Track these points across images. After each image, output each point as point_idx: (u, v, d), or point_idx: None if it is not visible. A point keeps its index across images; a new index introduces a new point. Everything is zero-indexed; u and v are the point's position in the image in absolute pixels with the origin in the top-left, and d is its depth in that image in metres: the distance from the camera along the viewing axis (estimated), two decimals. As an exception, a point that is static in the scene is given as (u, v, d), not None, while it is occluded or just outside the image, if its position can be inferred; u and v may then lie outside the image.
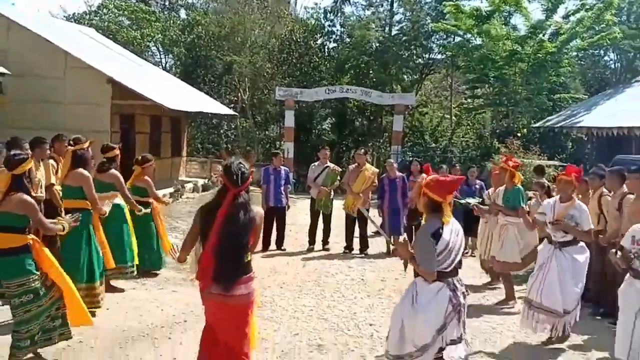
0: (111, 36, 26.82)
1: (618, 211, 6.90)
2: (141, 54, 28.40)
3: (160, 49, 34.52)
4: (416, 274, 4.50)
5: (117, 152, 7.69)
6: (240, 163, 4.31)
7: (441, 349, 4.40)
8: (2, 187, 5.00)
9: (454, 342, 4.40)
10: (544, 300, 6.21)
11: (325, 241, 11.09)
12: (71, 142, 7.36)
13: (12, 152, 5.38)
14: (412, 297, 4.44)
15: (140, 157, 8.65)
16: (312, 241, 11.06)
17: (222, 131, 29.60)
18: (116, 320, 6.45)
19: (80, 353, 5.50)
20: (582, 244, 6.30)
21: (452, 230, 4.41)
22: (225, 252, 4.16)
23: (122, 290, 7.52)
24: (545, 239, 6.65)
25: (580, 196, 7.87)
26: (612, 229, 6.98)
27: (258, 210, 4.42)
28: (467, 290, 4.49)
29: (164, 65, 34.11)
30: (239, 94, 29.01)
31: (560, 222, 6.26)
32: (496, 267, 7.97)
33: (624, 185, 6.99)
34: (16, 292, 4.94)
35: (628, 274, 5.10)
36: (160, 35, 31.80)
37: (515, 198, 7.59)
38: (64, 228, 5.34)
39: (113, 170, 7.31)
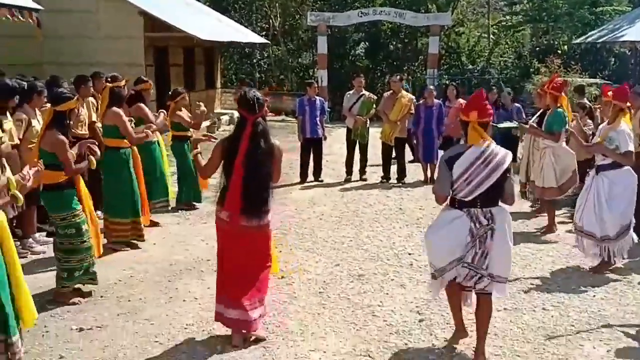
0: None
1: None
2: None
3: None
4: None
5: (147, 86, 7.72)
6: (253, 91, 4.44)
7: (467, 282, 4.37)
8: (45, 123, 5.16)
9: (478, 277, 4.29)
10: (585, 224, 6.22)
11: (362, 171, 11.11)
12: (109, 79, 7.46)
13: (60, 89, 5.52)
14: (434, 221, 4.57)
15: (171, 92, 8.67)
16: (349, 171, 11.09)
17: (254, 60, 29.35)
18: (163, 254, 6.70)
19: (130, 287, 5.75)
20: (627, 168, 6.14)
21: (480, 158, 4.19)
22: (252, 183, 4.28)
23: (158, 225, 7.74)
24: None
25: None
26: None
27: (279, 145, 4.50)
28: (490, 224, 4.22)
29: (192, -7, 33.58)
30: (270, 21, 28.54)
31: (594, 145, 6.16)
32: (537, 192, 7.92)
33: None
34: (60, 224, 5.22)
35: None
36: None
37: (554, 121, 7.44)
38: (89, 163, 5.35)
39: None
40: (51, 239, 6.04)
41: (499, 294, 4.43)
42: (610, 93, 6.30)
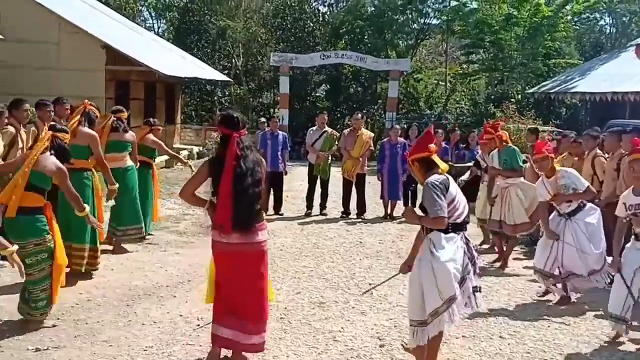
0: (104, 0, 26.48)
1: (616, 172, 7.00)
2: (133, 19, 28.10)
3: (153, 13, 34.16)
4: (427, 232, 4.47)
5: (123, 115, 7.89)
6: (230, 111, 4.56)
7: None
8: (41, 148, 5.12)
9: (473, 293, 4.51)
10: (571, 268, 6.30)
11: (323, 206, 11.21)
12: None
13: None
14: (431, 252, 4.36)
15: (152, 120, 8.82)
16: (309, 206, 11.17)
17: (215, 98, 29.48)
18: (122, 280, 6.61)
19: (88, 310, 5.64)
20: (589, 205, 6.36)
21: (455, 185, 4.51)
22: (241, 196, 4.27)
23: (127, 252, 7.68)
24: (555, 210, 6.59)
25: (576, 158, 8.03)
26: (609, 189, 7.10)
27: (263, 160, 4.54)
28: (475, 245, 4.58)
29: (156, 30, 33.77)
30: (233, 60, 28.80)
31: (556, 197, 6.35)
32: (507, 230, 7.88)
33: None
34: (33, 250, 5.02)
35: (632, 237, 5.24)
36: (153, 0, 31.42)
37: (512, 158, 7.68)
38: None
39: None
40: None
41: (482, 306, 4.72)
42: (545, 149, 6.48)
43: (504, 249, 8.08)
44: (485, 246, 8.86)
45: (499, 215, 7.89)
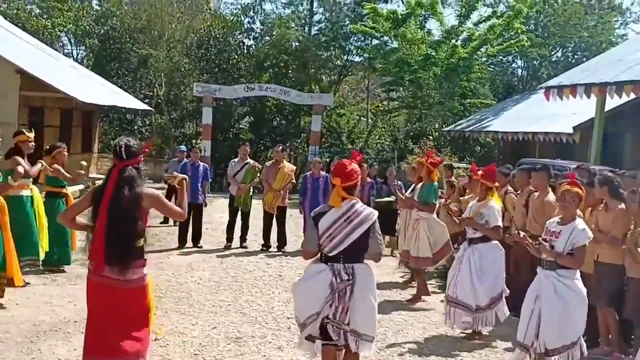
0: (20, 24, 25.59)
1: (525, 208, 7.30)
2: (51, 45, 27.26)
3: (72, 39, 33.26)
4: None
5: (24, 137, 7.37)
6: (127, 139, 4.31)
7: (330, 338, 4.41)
8: None
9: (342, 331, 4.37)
10: (459, 295, 6.48)
11: (243, 238, 11.10)
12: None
13: None
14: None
15: (48, 147, 8.38)
16: (229, 238, 11.04)
17: (136, 127, 28.89)
18: (27, 315, 6.29)
19: (-12, 349, 5.31)
20: (495, 242, 6.58)
21: (343, 217, 4.40)
22: (115, 231, 4.07)
23: (26, 284, 7.22)
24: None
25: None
26: (518, 225, 7.37)
27: (150, 190, 4.29)
28: (351, 279, 4.36)
29: (75, 57, 32.86)
30: (155, 89, 28.38)
31: (466, 219, 6.60)
32: (410, 262, 8.20)
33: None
34: None
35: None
36: (72, 26, 30.63)
37: (428, 192, 7.90)
38: None
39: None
40: None
41: (364, 352, 4.52)
42: (479, 172, 6.79)
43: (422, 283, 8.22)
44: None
45: (408, 246, 8.10)
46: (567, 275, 5.09)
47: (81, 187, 16.12)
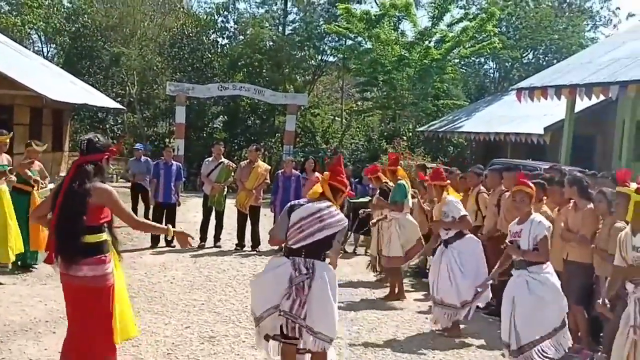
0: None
1: (496, 207, 7.40)
2: (21, 42, 26.80)
3: (42, 37, 32.75)
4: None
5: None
6: (95, 135, 4.30)
7: (293, 337, 4.42)
8: None
9: (301, 330, 4.37)
10: (443, 296, 6.54)
11: (217, 238, 11.04)
12: None
13: None
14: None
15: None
16: (203, 238, 10.96)
17: (107, 126, 28.57)
18: (-5, 316, 6.16)
19: (-45, 350, 5.21)
20: (470, 235, 6.69)
21: (317, 213, 4.44)
22: (61, 225, 4.04)
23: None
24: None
25: (461, 194, 8.42)
26: (490, 224, 7.48)
27: (103, 186, 4.13)
28: (310, 273, 4.38)
29: (45, 54, 32.35)
30: (127, 88, 28.09)
31: (434, 223, 6.69)
32: (384, 261, 8.24)
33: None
34: None
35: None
36: (42, 23, 30.17)
37: (396, 192, 7.95)
38: None
39: None
40: None
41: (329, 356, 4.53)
42: (426, 177, 6.89)
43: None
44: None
45: (380, 246, 8.18)
46: (538, 271, 5.26)
47: (52, 185, 15.90)
